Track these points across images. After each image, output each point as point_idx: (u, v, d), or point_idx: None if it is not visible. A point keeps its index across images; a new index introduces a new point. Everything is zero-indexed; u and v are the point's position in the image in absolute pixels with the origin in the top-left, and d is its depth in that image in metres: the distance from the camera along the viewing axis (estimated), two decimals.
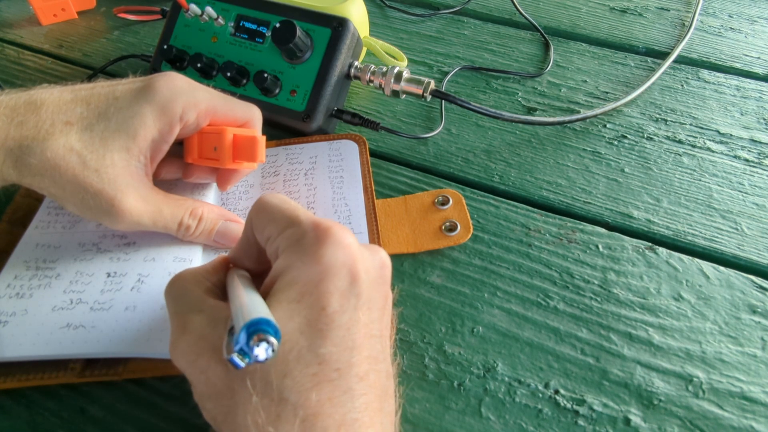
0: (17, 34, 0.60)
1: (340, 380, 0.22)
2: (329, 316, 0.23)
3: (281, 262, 0.24)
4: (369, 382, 0.23)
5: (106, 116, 0.30)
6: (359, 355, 0.23)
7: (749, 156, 0.44)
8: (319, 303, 0.23)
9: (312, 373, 0.22)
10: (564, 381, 0.31)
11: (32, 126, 0.29)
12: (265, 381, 0.22)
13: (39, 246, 0.34)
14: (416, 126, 0.48)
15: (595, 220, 0.40)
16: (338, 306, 0.23)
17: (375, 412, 0.23)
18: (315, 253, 0.24)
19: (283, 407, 0.21)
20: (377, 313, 0.25)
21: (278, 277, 0.24)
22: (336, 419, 0.22)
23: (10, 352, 0.29)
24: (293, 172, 0.41)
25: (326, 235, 0.24)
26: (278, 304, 0.23)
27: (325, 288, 0.23)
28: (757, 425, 0.29)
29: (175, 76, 0.32)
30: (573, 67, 0.54)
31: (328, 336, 0.23)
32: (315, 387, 0.22)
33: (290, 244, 0.24)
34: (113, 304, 0.31)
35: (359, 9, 0.50)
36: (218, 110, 0.33)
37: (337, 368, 0.22)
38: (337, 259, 0.24)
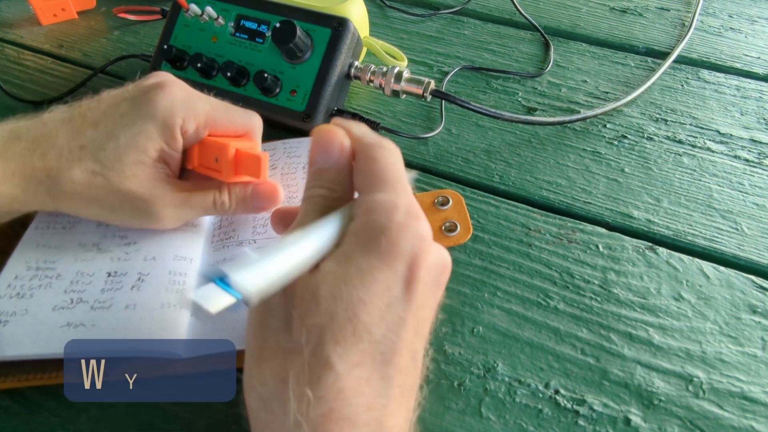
0: (17, 34, 0.60)
1: (383, 365, 0.23)
2: (389, 299, 0.23)
3: (363, 224, 0.24)
4: (404, 376, 0.24)
5: (114, 135, 0.31)
6: (404, 348, 0.24)
7: (749, 156, 0.44)
8: (386, 282, 0.23)
9: (361, 350, 0.22)
10: (564, 381, 0.31)
11: (53, 156, 0.31)
12: (319, 341, 0.22)
13: (40, 246, 0.34)
14: (416, 126, 0.48)
15: (595, 220, 0.40)
16: (399, 293, 0.23)
17: (402, 404, 0.24)
18: (397, 233, 0.24)
19: (327, 373, 0.22)
20: (428, 313, 0.26)
21: (354, 237, 0.24)
22: (367, 399, 0.22)
23: (10, 351, 0.29)
24: (291, 165, 0.41)
25: (413, 221, 0.24)
26: (350, 267, 0.23)
27: (395, 271, 0.23)
28: (757, 425, 0.29)
29: (173, 87, 0.32)
30: (573, 67, 0.54)
31: (385, 318, 0.23)
32: (360, 364, 0.22)
33: (378, 212, 0.24)
34: (113, 302, 0.31)
35: (359, 9, 0.50)
36: (218, 120, 0.33)
37: (382, 352, 0.23)
38: (410, 248, 0.24)
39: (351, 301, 0.23)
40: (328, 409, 0.21)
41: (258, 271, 0.21)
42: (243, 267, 0.21)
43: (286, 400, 0.21)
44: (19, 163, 0.30)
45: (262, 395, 0.23)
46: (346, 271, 0.23)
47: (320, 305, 0.23)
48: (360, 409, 0.22)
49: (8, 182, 0.31)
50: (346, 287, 0.23)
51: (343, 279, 0.23)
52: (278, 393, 0.22)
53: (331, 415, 0.21)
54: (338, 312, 0.22)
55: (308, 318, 0.23)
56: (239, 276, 0.20)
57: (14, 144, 0.31)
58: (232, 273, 0.20)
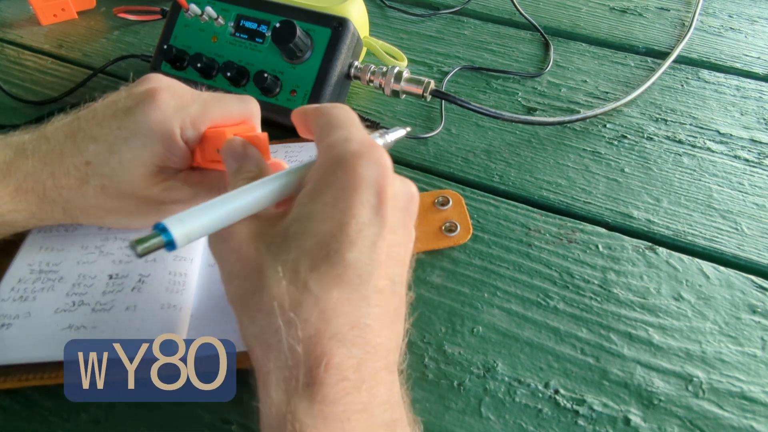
0: (17, 34, 0.60)
1: (360, 286, 0.24)
2: (359, 225, 0.24)
3: (322, 164, 0.26)
4: (384, 297, 0.25)
5: (116, 150, 0.31)
6: (380, 270, 0.24)
7: (749, 156, 0.44)
8: (351, 210, 0.24)
9: (337, 274, 0.23)
10: (564, 381, 0.31)
11: (62, 175, 0.31)
12: (294, 270, 0.23)
13: (42, 249, 0.34)
14: (416, 126, 0.48)
15: (595, 220, 0.40)
16: (367, 219, 0.24)
17: (386, 324, 0.25)
18: (353, 163, 0.25)
19: (306, 297, 0.23)
20: (400, 238, 0.26)
21: (316, 176, 0.26)
22: (350, 319, 0.23)
23: (13, 355, 0.29)
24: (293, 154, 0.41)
25: (368, 150, 0.25)
26: (314, 204, 0.25)
27: (359, 199, 0.24)
28: (757, 425, 0.29)
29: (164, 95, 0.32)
30: (573, 67, 0.54)
31: (356, 243, 0.24)
32: (337, 285, 0.23)
33: (333, 147, 0.26)
34: (114, 304, 0.31)
35: (359, 9, 0.50)
36: (214, 115, 0.33)
37: (359, 275, 0.24)
38: (371, 174, 0.25)
39: (319, 234, 0.24)
40: (315, 330, 0.22)
41: (186, 217, 0.24)
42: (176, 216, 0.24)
43: (277, 329, 0.23)
44: (31, 181, 0.31)
45: (255, 332, 0.24)
46: (312, 209, 0.25)
47: (290, 243, 0.24)
48: (345, 327, 0.23)
49: (23, 199, 0.31)
50: (312, 222, 0.24)
51: (309, 216, 0.24)
52: (267, 325, 0.23)
53: (319, 335, 0.22)
54: (309, 246, 0.24)
55: (281, 255, 0.24)
56: (168, 222, 0.23)
57: (23, 162, 0.31)
58: (164, 220, 0.23)
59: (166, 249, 0.23)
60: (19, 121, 0.48)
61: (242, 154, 0.30)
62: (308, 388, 0.22)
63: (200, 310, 0.32)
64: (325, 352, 0.22)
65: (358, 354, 0.23)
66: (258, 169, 0.29)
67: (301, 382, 0.22)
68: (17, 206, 0.31)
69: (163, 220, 0.23)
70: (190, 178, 0.34)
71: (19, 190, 0.31)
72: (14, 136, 0.32)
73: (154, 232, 0.23)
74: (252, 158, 0.29)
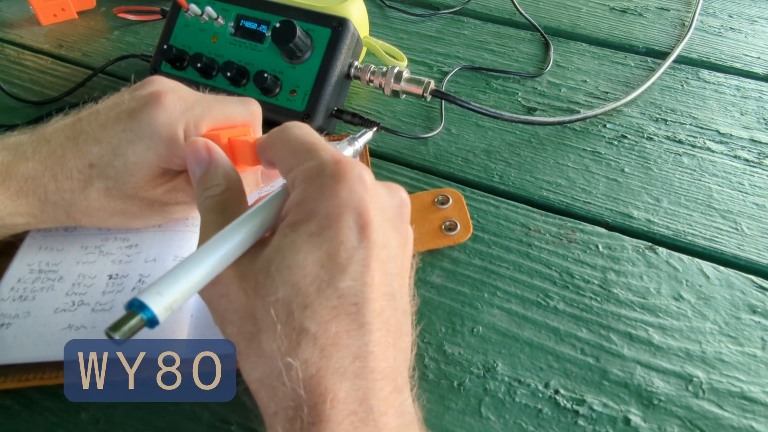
0: (17, 34, 0.60)
1: (357, 314, 0.23)
2: (348, 251, 0.23)
3: (300, 194, 0.25)
4: (384, 318, 0.24)
5: (120, 152, 0.31)
6: (376, 292, 0.24)
7: (749, 156, 0.44)
8: (338, 237, 0.23)
9: (332, 306, 0.23)
10: (564, 381, 0.31)
11: (64, 178, 0.31)
12: (288, 311, 0.23)
13: (42, 249, 0.34)
14: (416, 126, 0.48)
15: (595, 220, 0.40)
16: (356, 242, 0.24)
17: (388, 346, 0.24)
18: (333, 187, 0.24)
19: (304, 336, 0.22)
20: (394, 251, 0.26)
21: (296, 207, 0.25)
22: (351, 351, 0.23)
23: (13, 354, 0.29)
24: None
25: (345, 171, 0.25)
26: (298, 235, 0.24)
27: (345, 223, 0.24)
28: (757, 425, 0.29)
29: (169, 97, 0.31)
30: (573, 67, 0.54)
31: (347, 270, 0.23)
32: (334, 319, 0.23)
33: (309, 177, 0.25)
34: (114, 304, 0.31)
35: (359, 9, 0.50)
36: (217, 118, 0.33)
37: (354, 302, 0.23)
38: (353, 197, 0.24)
39: (307, 266, 0.23)
40: (316, 369, 0.22)
41: (164, 286, 0.22)
42: (149, 287, 0.22)
43: (279, 373, 0.22)
44: (32, 184, 0.30)
45: (257, 377, 0.23)
46: (294, 241, 0.24)
47: (276, 280, 0.23)
48: (346, 360, 0.23)
49: (24, 202, 0.31)
50: (298, 254, 0.23)
51: (293, 248, 0.23)
52: (270, 370, 0.23)
53: (320, 373, 0.22)
54: (297, 279, 0.23)
55: (269, 296, 0.23)
56: (145, 297, 0.21)
57: (23, 164, 0.30)
58: (139, 295, 0.21)
59: (147, 327, 0.21)
60: (19, 121, 0.48)
61: (205, 159, 0.28)
62: (314, 426, 0.21)
63: (200, 310, 0.32)
64: (329, 389, 0.22)
65: (363, 385, 0.23)
66: (225, 181, 0.28)
67: (306, 421, 0.22)
68: (18, 209, 0.31)
69: (138, 295, 0.21)
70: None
71: (20, 193, 0.30)
72: (11, 137, 0.32)
73: (130, 311, 0.21)
74: (218, 167, 0.28)
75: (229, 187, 0.28)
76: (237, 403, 0.29)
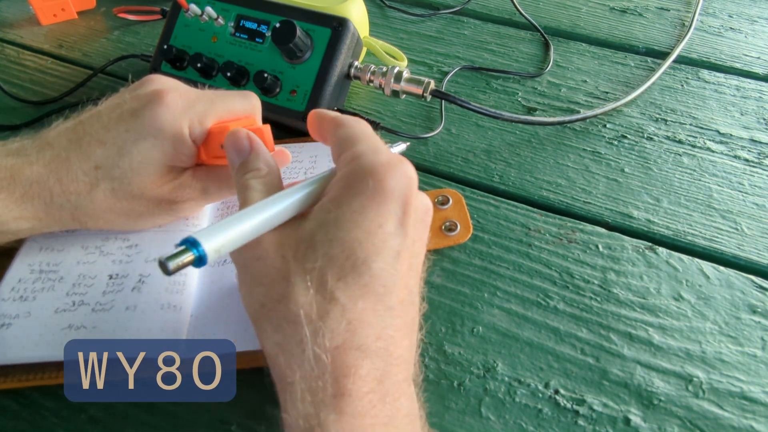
0: (17, 34, 0.60)
1: (385, 297, 0.24)
2: (384, 235, 0.24)
3: (350, 172, 0.26)
4: (404, 307, 0.25)
5: (125, 152, 0.31)
6: (402, 281, 0.25)
7: (749, 156, 0.44)
8: (378, 220, 0.24)
9: (363, 284, 0.24)
10: (564, 381, 0.31)
11: (70, 181, 0.31)
12: (321, 280, 0.23)
13: (43, 249, 0.34)
14: (416, 126, 0.48)
15: (595, 220, 0.40)
16: (393, 229, 0.25)
17: (405, 335, 0.25)
18: (384, 173, 0.25)
19: (333, 306, 0.23)
20: (419, 249, 0.27)
21: (342, 183, 0.26)
22: (375, 330, 0.23)
23: (13, 354, 0.29)
24: (294, 170, 0.41)
25: (398, 162, 0.26)
26: (341, 212, 0.25)
27: (387, 209, 0.25)
28: (757, 425, 0.29)
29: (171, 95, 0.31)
30: (573, 67, 0.54)
31: (381, 253, 0.24)
32: (363, 296, 0.23)
33: (363, 158, 0.26)
34: (114, 304, 0.31)
35: (359, 9, 0.50)
36: (219, 113, 0.33)
37: (384, 284, 0.24)
38: (400, 187, 0.25)
39: (347, 242, 0.24)
40: (341, 341, 0.23)
41: (216, 231, 0.23)
42: (202, 230, 0.23)
43: (302, 338, 0.23)
44: (37, 188, 0.30)
45: (278, 340, 0.24)
46: (338, 216, 0.25)
47: (317, 251, 0.24)
48: (370, 338, 0.23)
49: (30, 206, 0.31)
50: (340, 230, 0.24)
51: (336, 223, 0.24)
52: (292, 334, 0.23)
53: (344, 345, 0.23)
54: (336, 253, 0.24)
55: (308, 263, 0.24)
56: (199, 236, 0.22)
57: (27, 168, 0.30)
58: (194, 234, 0.23)
59: (194, 265, 0.22)
60: (19, 121, 0.48)
61: (246, 148, 0.29)
62: (336, 399, 0.22)
63: (200, 310, 0.32)
64: (351, 363, 0.22)
65: (381, 366, 0.23)
66: (268, 167, 0.29)
67: (329, 392, 0.22)
68: (23, 213, 0.31)
69: (192, 233, 0.23)
70: (197, 174, 0.34)
71: (25, 197, 0.30)
72: (14, 142, 0.32)
73: (183, 247, 0.22)
74: (260, 154, 0.29)
75: (270, 173, 0.29)
76: (237, 403, 0.29)
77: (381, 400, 0.22)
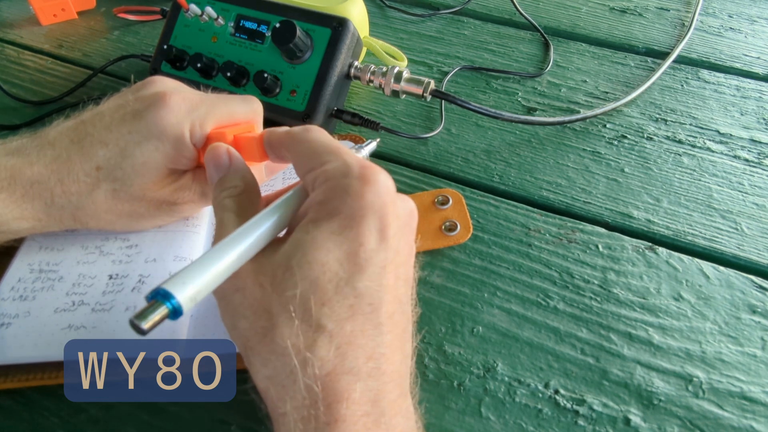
0: (17, 34, 0.60)
1: (372, 315, 0.24)
2: (367, 253, 0.24)
3: (323, 192, 0.25)
4: (394, 321, 0.25)
5: (128, 153, 0.31)
6: (389, 295, 0.24)
7: (749, 156, 0.44)
8: (359, 239, 0.24)
9: (349, 305, 0.23)
10: (564, 381, 0.31)
11: (71, 181, 0.31)
12: (305, 308, 0.23)
13: (42, 249, 0.34)
14: (416, 126, 0.48)
15: (595, 220, 0.40)
16: (375, 245, 0.24)
17: (397, 349, 0.25)
18: (359, 189, 0.25)
19: (320, 334, 0.23)
20: (405, 258, 0.26)
21: (318, 206, 0.25)
22: (365, 351, 0.23)
23: (12, 354, 0.29)
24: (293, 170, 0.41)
25: (372, 175, 0.25)
26: (319, 232, 0.24)
27: (366, 225, 0.24)
28: (757, 425, 0.29)
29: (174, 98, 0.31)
30: (573, 67, 0.54)
31: (365, 271, 0.24)
32: (350, 318, 0.23)
33: (334, 177, 0.25)
34: (114, 305, 0.31)
35: (359, 9, 0.50)
36: (221, 117, 0.33)
37: (370, 303, 0.24)
38: (378, 200, 0.25)
39: (327, 263, 0.23)
40: (331, 367, 0.22)
41: (187, 277, 0.22)
42: (173, 278, 0.21)
43: (292, 370, 0.22)
44: (37, 188, 0.30)
45: (267, 374, 0.23)
46: (316, 237, 0.24)
47: (295, 275, 0.23)
48: (360, 360, 0.23)
49: (30, 206, 0.31)
50: (319, 251, 0.23)
51: (314, 245, 0.24)
52: (281, 367, 0.23)
53: (335, 371, 0.22)
54: (317, 276, 0.23)
55: (288, 290, 0.23)
56: (170, 286, 0.21)
57: (27, 168, 0.30)
58: (164, 284, 0.21)
59: (170, 318, 0.21)
60: (19, 121, 0.48)
61: (225, 164, 0.29)
62: (329, 426, 0.21)
63: (200, 310, 0.32)
64: (344, 388, 0.22)
65: (374, 386, 0.23)
66: (243, 183, 0.28)
67: (322, 420, 0.22)
68: (24, 213, 0.31)
69: (162, 284, 0.21)
70: (197, 177, 0.34)
71: (25, 197, 0.30)
72: (14, 141, 0.32)
73: (155, 301, 0.21)
74: (236, 170, 0.29)
75: (246, 189, 0.28)
76: (237, 403, 0.29)
77: (376, 422, 0.22)
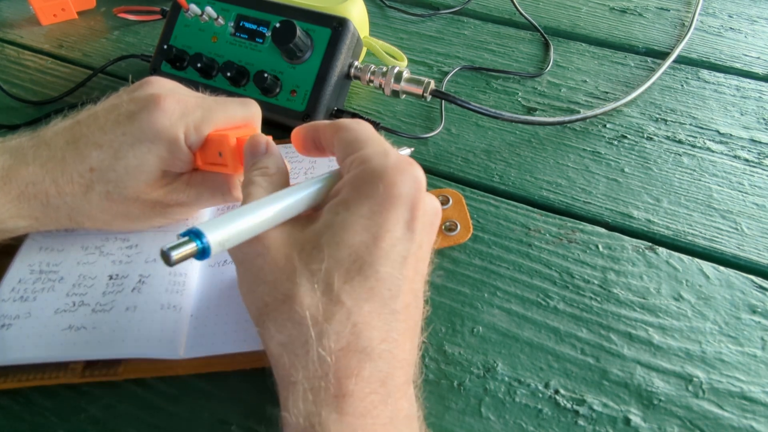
0: (17, 34, 0.60)
1: (390, 300, 0.24)
2: (392, 240, 0.25)
3: (358, 175, 0.26)
4: (409, 312, 0.25)
5: (121, 155, 0.31)
6: (407, 286, 0.25)
7: (749, 156, 0.44)
8: (386, 225, 0.25)
9: (369, 287, 0.24)
10: (564, 381, 0.31)
11: (65, 182, 0.31)
12: (327, 282, 0.24)
13: (42, 249, 0.34)
14: (416, 126, 0.48)
15: (595, 220, 0.40)
16: (401, 234, 0.25)
17: (408, 339, 0.25)
18: (394, 177, 0.25)
19: (339, 309, 0.23)
20: (425, 254, 0.27)
21: (350, 187, 0.26)
22: (380, 333, 0.23)
23: (13, 355, 0.29)
24: (293, 171, 0.41)
25: (408, 166, 0.26)
26: (349, 215, 0.25)
27: (395, 213, 0.25)
28: (757, 425, 0.29)
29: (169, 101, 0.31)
30: (573, 67, 0.54)
31: (389, 258, 0.24)
32: (369, 300, 0.24)
33: (371, 161, 0.26)
34: (114, 305, 0.31)
35: (359, 9, 0.50)
36: (218, 120, 0.33)
37: (389, 288, 0.24)
38: (409, 191, 0.25)
39: (354, 245, 0.24)
40: (345, 343, 0.23)
41: (221, 224, 0.23)
42: (207, 222, 0.23)
43: (307, 339, 0.23)
44: (33, 188, 0.30)
45: (282, 340, 0.24)
46: (346, 218, 0.25)
47: (323, 251, 0.24)
48: (374, 341, 0.23)
49: (26, 205, 0.31)
50: (347, 233, 0.24)
51: (344, 226, 0.24)
52: (297, 335, 0.23)
53: (349, 348, 0.23)
54: (343, 256, 0.24)
55: (313, 264, 0.24)
56: (203, 228, 0.22)
57: (23, 168, 0.30)
58: (199, 226, 0.22)
59: (197, 258, 0.22)
60: (19, 121, 0.48)
61: (262, 150, 0.30)
62: (337, 399, 0.22)
63: (200, 310, 0.32)
64: (354, 365, 0.22)
65: (385, 368, 0.23)
66: (276, 167, 0.29)
67: (331, 392, 0.22)
68: (20, 212, 0.31)
69: (197, 225, 0.22)
70: (193, 179, 0.34)
71: (22, 197, 0.30)
72: (12, 140, 0.32)
73: (186, 238, 0.22)
74: (271, 155, 0.30)
75: (279, 174, 0.29)
76: (237, 403, 0.29)
77: (383, 401, 0.23)
